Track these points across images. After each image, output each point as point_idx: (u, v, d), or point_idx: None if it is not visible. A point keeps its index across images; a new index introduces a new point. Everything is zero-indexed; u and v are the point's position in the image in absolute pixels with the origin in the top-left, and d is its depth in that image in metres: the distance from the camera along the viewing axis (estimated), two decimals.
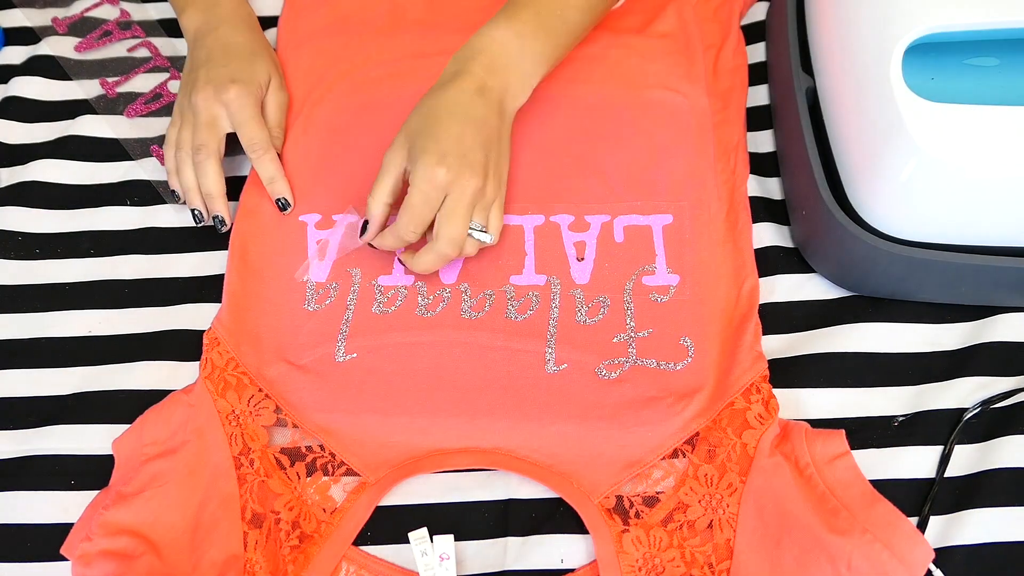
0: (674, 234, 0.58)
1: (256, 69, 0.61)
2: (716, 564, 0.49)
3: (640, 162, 0.61)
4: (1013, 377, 0.54)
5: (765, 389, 0.52)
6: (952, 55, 0.57)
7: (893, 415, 0.53)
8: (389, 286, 0.57)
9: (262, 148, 0.60)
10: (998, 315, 0.56)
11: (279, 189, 0.60)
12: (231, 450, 0.52)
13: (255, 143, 0.60)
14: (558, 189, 0.60)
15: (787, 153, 0.61)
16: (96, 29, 0.72)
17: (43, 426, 0.55)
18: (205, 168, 0.59)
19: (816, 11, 0.61)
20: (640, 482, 0.51)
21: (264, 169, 0.60)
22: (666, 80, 0.64)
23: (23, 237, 0.62)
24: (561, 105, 0.64)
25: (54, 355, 0.57)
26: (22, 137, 0.67)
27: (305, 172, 0.62)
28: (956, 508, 0.50)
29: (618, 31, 0.67)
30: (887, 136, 0.51)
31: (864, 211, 0.54)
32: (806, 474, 0.49)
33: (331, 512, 0.51)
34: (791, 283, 0.58)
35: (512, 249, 0.58)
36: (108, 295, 0.60)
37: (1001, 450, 0.51)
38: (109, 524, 0.48)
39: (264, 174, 0.60)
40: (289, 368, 0.54)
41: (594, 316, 0.56)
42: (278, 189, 0.60)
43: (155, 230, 0.62)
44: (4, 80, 0.70)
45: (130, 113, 0.67)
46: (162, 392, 0.54)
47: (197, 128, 0.59)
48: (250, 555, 0.49)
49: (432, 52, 0.66)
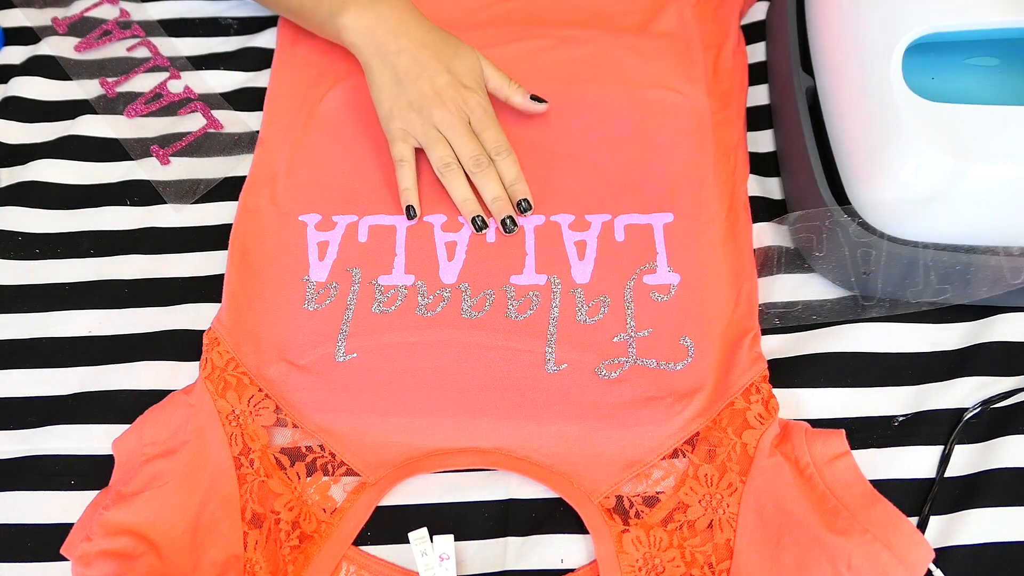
0: (675, 233, 0.58)
1: (469, 58, 0.60)
2: (716, 564, 0.49)
3: (640, 162, 0.61)
4: (1013, 377, 0.54)
5: (765, 389, 0.52)
6: (952, 55, 0.57)
7: (893, 415, 0.53)
8: (389, 286, 0.57)
9: (505, 150, 0.59)
10: (998, 315, 0.56)
11: (520, 191, 0.59)
12: (231, 450, 0.52)
13: (499, 146, 0.59)
14: (558, 189, 0.60)
15: (787, 153, 0.61)
16: (96, 29, 0.72)
17: (43, 426, 0.55)
18: (489, 175, 0.58)
19: (816, 11, 0.61)
20: (640, 482, 0.51)
21: (507, 171, 0.59)
22: (666, 80, 0.64)
23: (23, 237, 0.62)
24: (561, 105, 0.64)
25: (54, 355, 0.57)
26: (22, 137, 0.67)
27: (305, 172, 0.62)
28: (956, 508, 0.50)
29: (618, 31, 0.67)
30: (887, 136, 0.51)
31: (864, 211, 0.54)
32: (806, 474, 0.49)
33: (331, 512, 0.51)
34: (791, 283, 0.58)
35: (512, 249, 0.58)
36: (108, 295, 0.60)
37: (1001, 450, 0.51)
38: (109, 524, 0.48)
39: (507, 177, 0.59)
40: (289, 368, 0.54)
41: (594, 315, 0.56)
42: (519, 191, 0.59)
43: (155, 230, 0.62)
44: (4, 80, 0.70)
45: (130, 113, 0.67)
46: (162, 392, 0.54)
47: (458, 138, 0.58)
48: (250, 555, 0.50)
49: None
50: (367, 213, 0.60)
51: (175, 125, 0.67)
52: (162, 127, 0.67)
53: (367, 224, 0.60)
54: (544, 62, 0.66)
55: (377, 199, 0.61)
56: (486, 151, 0.59)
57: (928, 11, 0.53)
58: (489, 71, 0.61)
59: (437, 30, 0.61)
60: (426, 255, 0.58)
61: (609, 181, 0.60)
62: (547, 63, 0.65)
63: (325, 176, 0.62)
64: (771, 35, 0.67)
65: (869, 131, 0.53)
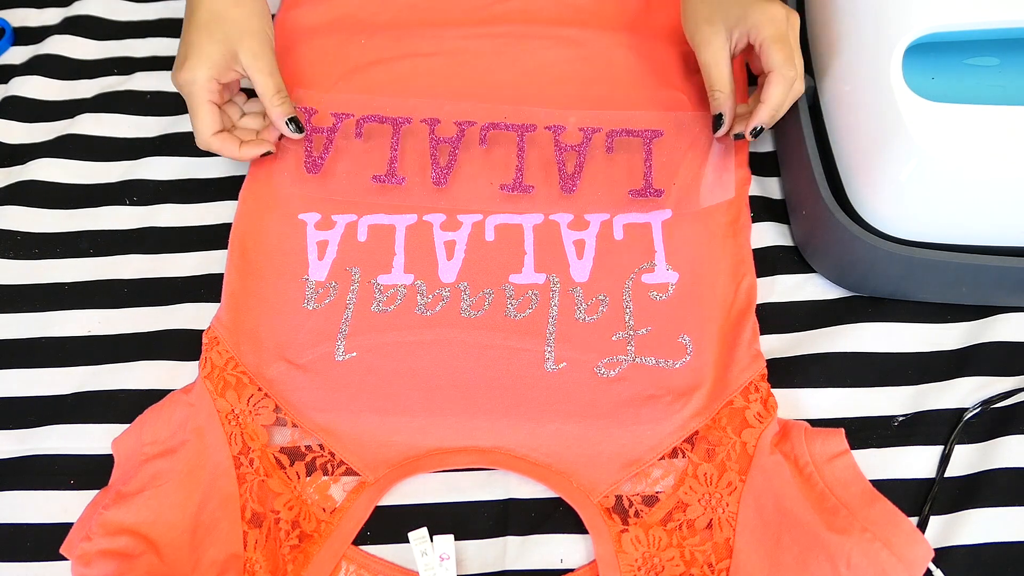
0: (674, 231, 0.58)
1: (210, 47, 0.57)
2: (716, 563, 0.49)
3: (639, 161, 0.61)
4: (1013, 377, 0.54)
5: (764, 388, 0.52)
6: (952, 55, 0.57)
7: (893, 415, 0.53)
8: (388, 285, 0.57)
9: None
10: (998, 315, 0.56)
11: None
12: (231, 449, 0.52)
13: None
14: (556, 188, 0.60)
15: (787, 153, 0.61)
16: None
17: (43, 426, 0.55)
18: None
19: (816, 11, 0.61)
20: (639, 481, 0.51)
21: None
22: (665, 79, 0.64)
23: (22, 237, 0.62)
24: (560, 105, 0.64)
25: (54, 355, 0.57)
26: (22, 137, 0.67)
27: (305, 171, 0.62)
28: (956, 508, 0.50)
29: (616, 30, 0.67)
30: (887, 136, 0.51)
31: (864, 211, 0.54)
32: (805, 473, 0.49)
33: (331, 512, 0.51)
34: (791, 283, 0.58)
35: (511, 248, 0.58)
36: (108, 295, 0.60)
37: (1001, 450, 0.51)
38: (109, 524, 0.48)
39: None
40: (289, 367, 0.54)
41: (593, 314, 0.56)
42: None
43: (155, 230, 0.62)
44: (4, 80, 0.70)
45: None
46: (162, 392, 0.54)
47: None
48: (250, 554, 0.49)
49: (432, 52, 0.66)
50: (366, 212, 0.60)
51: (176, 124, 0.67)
52: (163, 127, 0.67)
53: (366, 223, 0.60)
54: (543, 61, 0.66)
55: (377, 198, 0.61)
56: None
57: (928, 11, 0.53)
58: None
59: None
60: (425, 254, 0.58)
61: (608, 181, 0.60)
62: (546, 62, 0.65)
63: (325, 175, 0.62)
64: None
65: (869, 131, 0.53)
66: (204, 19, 0.56)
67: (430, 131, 0.62)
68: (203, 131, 0.57)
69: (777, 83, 0.54)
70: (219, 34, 0.56)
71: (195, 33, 0.56)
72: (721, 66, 0.57)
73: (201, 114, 0.56)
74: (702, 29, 0.57)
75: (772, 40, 0.54)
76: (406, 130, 0.62)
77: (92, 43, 0.72)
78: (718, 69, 0.57)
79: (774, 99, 0.54)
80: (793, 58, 0.54)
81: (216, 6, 0.56)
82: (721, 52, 0.57)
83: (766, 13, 0.54)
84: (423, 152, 0.61)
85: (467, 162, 0.61)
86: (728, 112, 0.57)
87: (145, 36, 0.73)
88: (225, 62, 0.56)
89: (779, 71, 0.54)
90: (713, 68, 0.57)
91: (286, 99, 0.59)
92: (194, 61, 0.55)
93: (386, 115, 0.62)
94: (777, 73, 0.54)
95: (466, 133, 0.61)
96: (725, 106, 0.57)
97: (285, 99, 0.59)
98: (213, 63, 0.56)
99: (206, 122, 0.57)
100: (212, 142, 0.57)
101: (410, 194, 0.60)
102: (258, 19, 0.58)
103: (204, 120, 0.57)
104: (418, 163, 0.61)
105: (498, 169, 0.61)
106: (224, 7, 0.56)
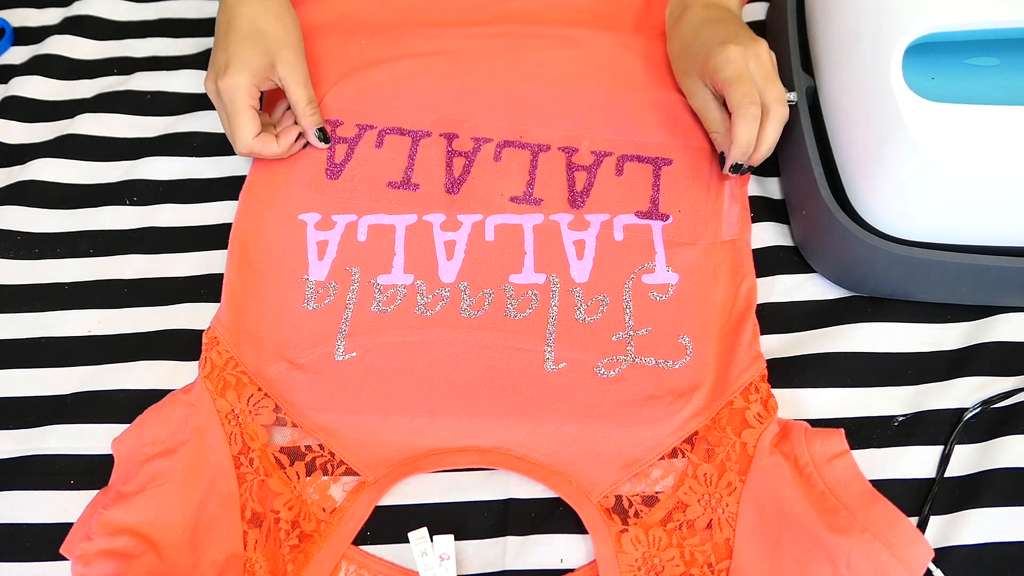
0: (674, 233, 0.58)
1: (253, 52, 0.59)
2: (715, 563, 0.49)
3: (639, 161, 0.61)
4: (1013, 377, 0.54)
5: (764, 388, 0.52)
6: (952, 55, 0.57)
7: (893, 415, 0.53)
8: (388, 285, 0.57)
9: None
10: (998, 315, 0.56)
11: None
12: (231, 449, 0.52)
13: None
14: (557, 189, 0.60)
15: (787, 153, 0.61)
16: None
17: (43, 426, 0.55)
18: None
19: (816, 11, 0.61)
20: (639, 481, 0.51)
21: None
22: (665, 79, 0.64)
23: (22, 237, 0.62)
24: (559, 105, 0.64)
25: (54, 355, 0.57)
26: (22, 137, 0.67)
27: (304, 171, 0.62)
28: (956, 508, 0.50)
29: (617, 30, 0.67)
30: (887, 136, 0.51)
31: (864, 211, 0.54)
32: (805, 473, 0.49)
33: (331, 511, 0.51)
34: (791, 283, 0.58)
35: (511, 248, 0.58)
36: (107, 295, 0.60)
37: (1001, 450, 0.51)
38: (109, 523, 0.48)
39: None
40: (288, 367, 0.54)
41: (593, 314, 0.56)
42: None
43: (154, 230, 0.62)
44: (4, 80, 0.70)
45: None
46: (162, 392, 0.54)
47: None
48: (250, 554, 0.49)
49: (432, 52, 0.66)
50: (366, 212, 0.60)
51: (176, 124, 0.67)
52: (162, 127, 0.67)
53: (366, 223, 0.60)
54: (543, 61, 0.66)
55: (377, 198, 0.61)
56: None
57: (928, 11, 0.53)
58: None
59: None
60: (425, 254, 0.58)
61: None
62: (546, 62, 0.65)
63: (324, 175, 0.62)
64: (771, 35, 0.67)
65: (869, 131, 0.53)
66: (246, 31, 0.59)
67: (447, 144, 0.62)
68: (246, 136, 0.59)
69: (739, 122, 0.55)
70: (261, 45, 0.58)
71: (237, 43, 0.58)
72: (710, 111, 0.59)
73: (244, 119, 0.58)
74: (684, 82, 0.61)
75: (729, 82, 0.55)
76: (425, 142, 0.63)
77: (92, 43, 0.72)
78: (709, 114, 0.59)
79: (741, 137, 0.55)
80: (752, 94, 0.54)
81: (258, 20, 0.59)
82: (706, 99, 0.59)
83: (721, 55, 0.55)
84: (439, 162, 0.62)
85: (480, 174, 0.62)
86: (727, 150, 0.58)
87: (145, 36, 0.73)
88: (264, 71, 0.58)
89: (738, 111, 0.55)
90: (704, 113, 0.60)
91: (316, 110, 0.61)
92: (237, 68, 0.57)
93: (407, 128, 0.63)
94: (736, 113, 0.55)
95: (482, 148, 0.62)
96: (723, 144, 0.58)
97: (316, 110, 0.61)
98: (255, 71, 0.58)
99: (248, 127, 0.58)
100: (254, 144, 0.59)
101: (422, 200, 0.60)
102: (294, 34, 0.61)
103: (246, 125, 0.58)
104: (433, 172, 0.61)
105: (509, 182, 0.61)
106: (265, 21, 0.59)
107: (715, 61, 0.56)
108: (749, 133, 0.55)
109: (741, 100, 0.54)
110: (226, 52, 0.58)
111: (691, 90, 0.60)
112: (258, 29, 0.59)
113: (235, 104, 0.58)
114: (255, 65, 0.58)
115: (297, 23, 0.62)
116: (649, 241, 0.58)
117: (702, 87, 0.59)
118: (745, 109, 0.54)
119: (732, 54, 0.55)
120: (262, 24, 0.59)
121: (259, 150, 0.59)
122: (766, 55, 0.56)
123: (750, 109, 0.54)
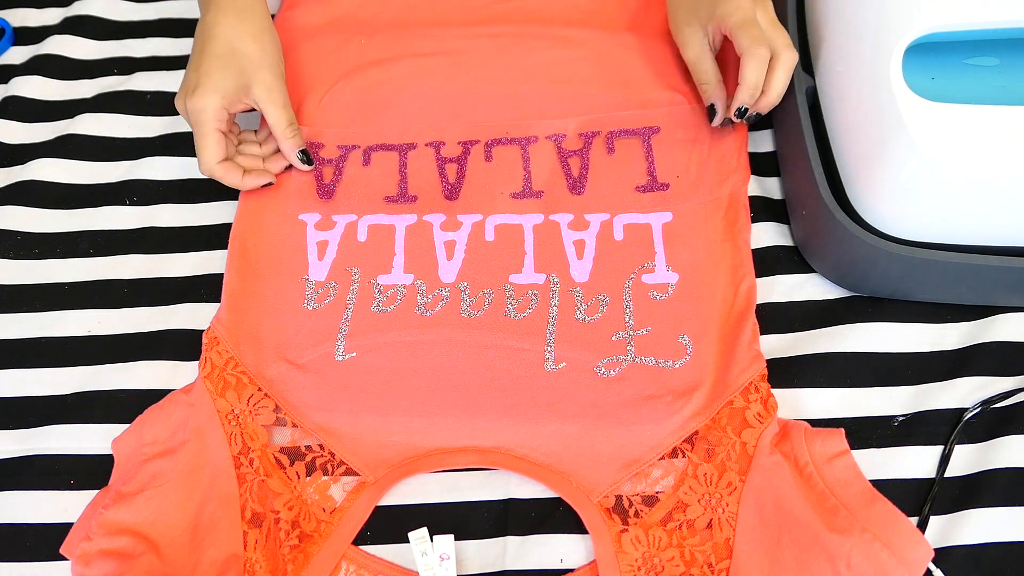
0: (674, 232, 0.58)
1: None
2: (715, 563, 0.49)
3: (639, 161, 0.61)
4: (1013, 377, 0.54)
5: (764, 388, 0.52)
6: (952, 55, 0.57)
7: (893, 415, 0.53)
8: (388, 285, 0.57)
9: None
10: (998, 315, 0.56)
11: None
12: (231, 449, 0.52)
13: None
14: (557, 189, 0.60)
15: (787, 153, 0.61)
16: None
17: (43, 426, 0.55)
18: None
19: (816, 11, 0.61)
20: (639, 481, 0.51)
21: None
22: (665, 79, 0.64)
23: (22, 237, 0.62)
24: (559, 105, 0.64)
25: (54, 355, 0.57)
26: (22, 137, 0.67)
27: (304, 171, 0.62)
28: (956, 508, 0.50)
29: (616, 30, 0.67)
30: (887, 136, 0.51)
31: (864, 211, 0.54)
32: (805, 473, 0.49)
33: (331, 512, 0.51)
34: (791, 283, 0.58)
35: (511, 248, 0.58)
36: (107, 295, 0.60)
37: (1001, 450, 0.51)
38: (109, 523, 0.48)
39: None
40: (288, 367, 0.54)
41: (593, 314, 0.56)
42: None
43: (154, 230, 0.62)
44: (4, 80, 0.70)
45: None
46: (162, 392, 0.54)
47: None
48: (250, 554, 0.49)
49: (432, 52, 0.66)
50: (366, 212, 0.60)
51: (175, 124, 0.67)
52: (162, 127, 0.67)
53: (366, 223, 0.60)
54: (542, 61, 0.66)
55: (376, 197, 0.61)
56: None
57: (928, 11, 0.53)
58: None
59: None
60: (425, 254, 0.58)
61: (614, 179, 0.60)
62: (545, 62, 0.65)
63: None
64: None
65: (869, 131, 0.53)
66: (220, 51, 0.57)
67: (436, 154, 0.62)
68: (209, 159, 0.58)
69: (748, 63, 0.55)
70: (235, 67, 0.57)
71: (209, 63, 0.57)
72: (704, 61, 0.60)
73: (209, 142, 0.57)
74: (682, 31, 0.61)
75: (738, 26, 0.56)
76: (412, 154, 0.62)
77: (92, 43, 0.72)
78: (702, 64, 0.60)
79: (749, 79, 0.56)
80: (761, 38, 0.55)
81: (234, 41, 0.58)
82: (702, 49, 0.60)
83: (731, 3, 0.57)
84: (431, 171, 0.62)
85: (475, 177, 0.61)
86: (719, 101, 0.59)
87: (145, 36, 0.73)
88: (237, 94, 0.57)
89: (747, 52, 0.55)
90: (697, 64, 0.60)
91: (297, 132, 0.60)
92: (206, 89, 0.56)
93: (391, 143, 0.63)
94: (746, 54, 0.55)
95: (471, 151, 0.62)
96: (714, 95, 0.59)
97: (297, 132, 0.60)
98: (226, 93, 0.57)
99: (212, 151, 0.57)
100: (216, 170, 0.58)
101: (422, 208, 0.60)
102: (273, 55, 0.60)
103: (210, 148, 0.57)
104: (428, 182, 0.61)
105: (507, 180, 0.61)
106: (242, 42, 0.58)
107: (725, 7, 0.57)
108: (757, 74, 0.55)
109: (752, 42, 0.55)
110: (197, 72, 0.57)
111: (687, 40, 0.60)
112: (234, 50, 0.58)
113: (201, 126, 0.57)
114: (225, 87, 0.57)
115: (278, 44, 0.61)
116: (649, 240, 0.58)
117: (700, 37, 0.59)
118: (755, 50, 0.55)
119: (743, 2, 0.56)
120: (239, 45, 0.58)
121: (220, 176, 0.58)
122: (772, 7, 0.58)
123: (759, 50, 0.55)
